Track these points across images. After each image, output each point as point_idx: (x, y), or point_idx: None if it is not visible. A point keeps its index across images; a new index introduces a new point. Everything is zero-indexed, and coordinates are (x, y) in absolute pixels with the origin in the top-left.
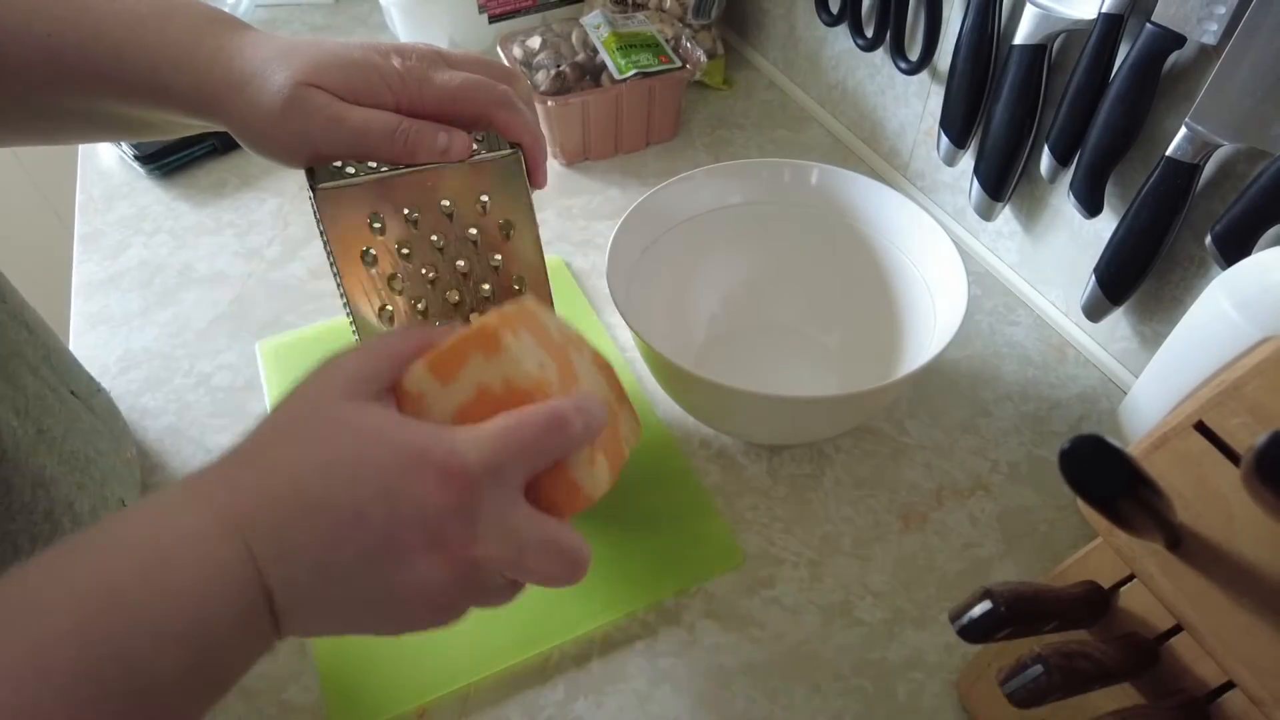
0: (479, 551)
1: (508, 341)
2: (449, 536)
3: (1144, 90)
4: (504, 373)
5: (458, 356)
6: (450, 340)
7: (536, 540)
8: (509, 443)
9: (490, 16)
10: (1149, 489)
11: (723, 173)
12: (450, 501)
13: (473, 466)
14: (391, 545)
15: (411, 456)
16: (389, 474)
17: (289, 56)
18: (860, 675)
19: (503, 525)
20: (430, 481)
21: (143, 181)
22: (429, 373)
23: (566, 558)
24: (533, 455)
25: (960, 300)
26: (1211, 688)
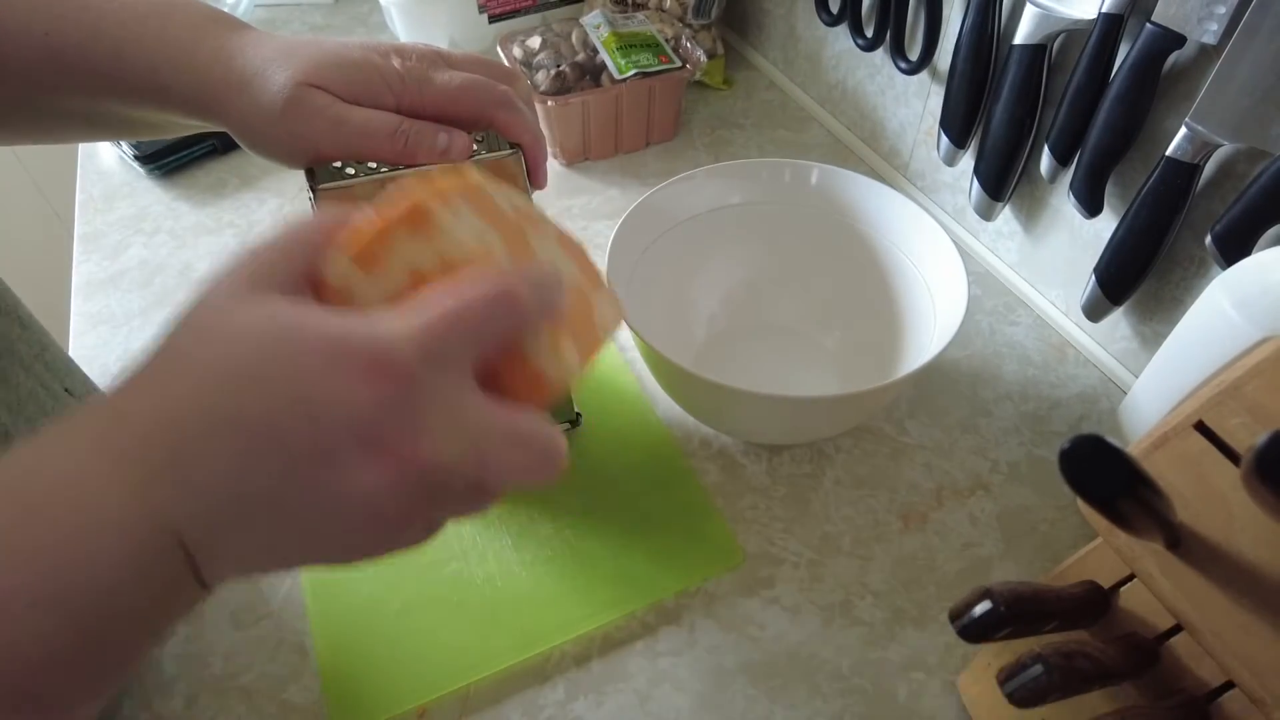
0: (426, 450)
1: (441, 218)
2: (386, 436)
3: (1144, 90)
4: (440, 250)
5: (383, 238)
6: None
7: (498, 431)
8: (446, 321)
9: (490, 16)
10: (1149, 489)
11: (723, 173)
12: (380, 395)
13: (403, 352)
14: (318, 456)
15: (327, 350)
16: (302, 374)
17: (289, 56)
18: (860, 675)
19: (452, 417)
20: (353, 375)
21: (143, 181)
22: (350, 261)
23: (536, 446)
24: (477, 334)
25: (960, 300)
26: (1211, 687)
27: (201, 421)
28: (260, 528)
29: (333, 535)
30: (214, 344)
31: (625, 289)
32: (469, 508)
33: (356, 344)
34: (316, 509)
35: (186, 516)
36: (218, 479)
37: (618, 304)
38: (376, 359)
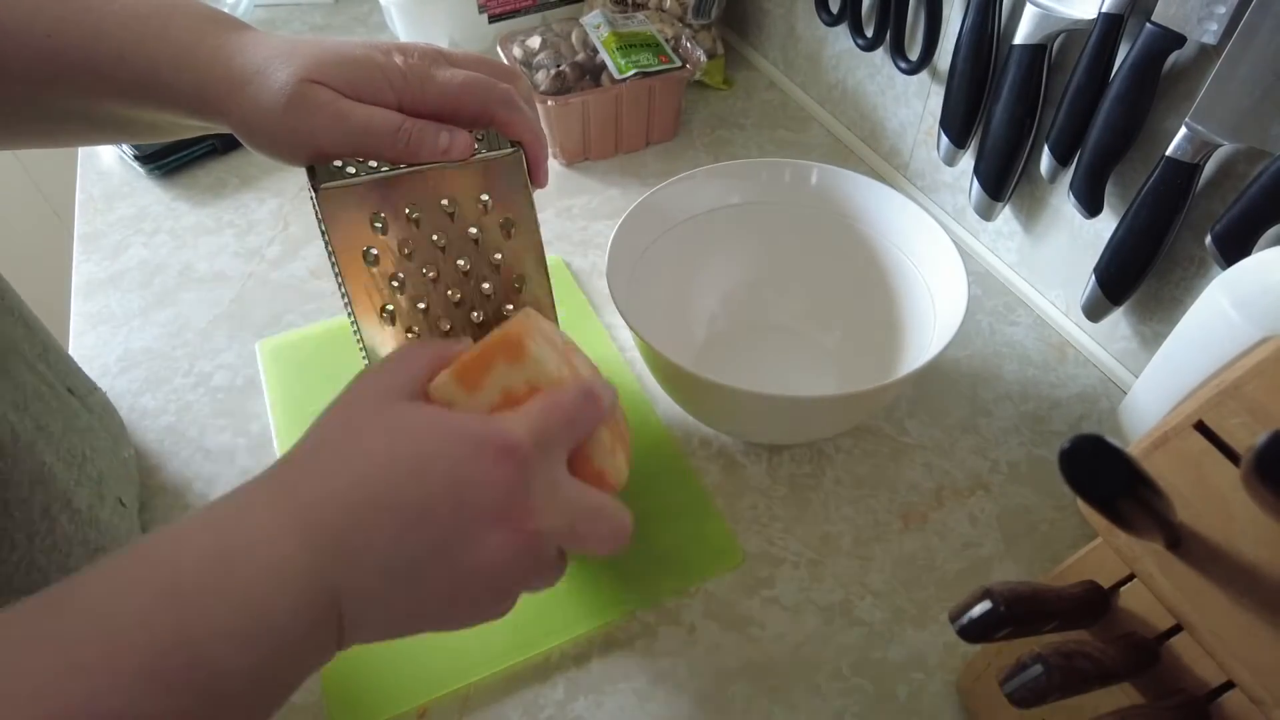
0: (539, 522)
1: (531, 347)
2: (511, 511)
3: (1144, 90)
4: (527, 376)
5: (483, 364)
6: (474, 350)
7: (587, 507)
8: (550, 415)
9: (490, 16)
10: (1149, 489)
11: (723, 173)
12: (510, 478)
13: (523, 439)
14: (459, 533)
15: (470, 442)
16: (452, 463)
17: (291, 54)
18: (860, 675)
19: (555, 495)
20: (489, 462)
21: (143, 181)
22: (455, 382)
23: (614, 521)
24: (573, 426)
25: (960, 300)
26: (1211, 687)
27: (364, 503)
28: (402, 596)
29: (454, 600)
30: (372, 438)
31: (625, 289)
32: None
33: (491, 434)
34: (448, 578)
35: (348, 587)
36: (375, 551)
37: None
38: (507, 445)
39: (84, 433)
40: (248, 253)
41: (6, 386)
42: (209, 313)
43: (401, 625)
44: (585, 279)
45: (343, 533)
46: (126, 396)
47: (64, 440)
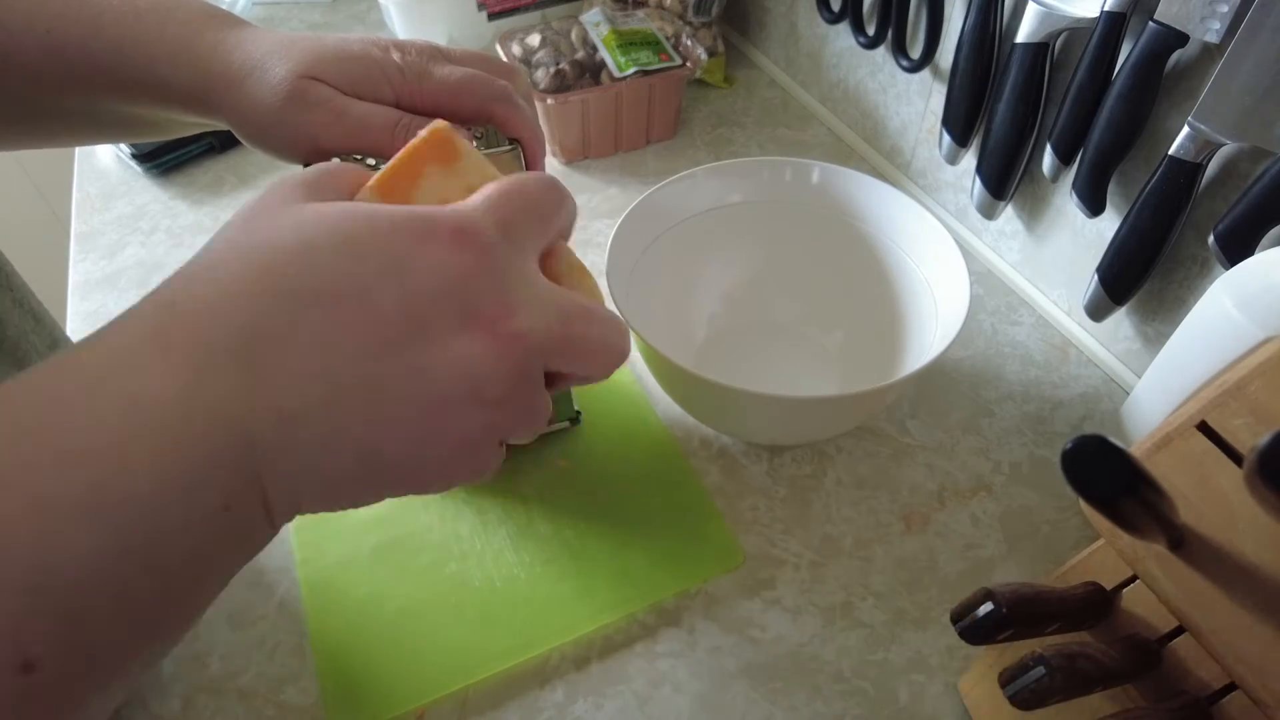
0: (521, 322)
1: (463, 146)
2: (481, 304)
3: (1146, 89)
4: (469, 181)
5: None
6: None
7: (577, 305)
8: (513, 199)
9: (489, 14)
10: (1151, 490)
11: (723, 171)
12: (470, 263)
13: (485, 224)
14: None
15: (415, 224)
16: (392, 243)
17: (289, 50)
18: (861, 677)
19: (534, 291)
20: (442, 245)
21: (140, 180)
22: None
23: (611, 320)
24: (541, 216)
25: (962, 300)
26: (1214, 689)
27: (276, 299)
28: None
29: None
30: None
31: (625, 288)
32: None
33: (441, 218)
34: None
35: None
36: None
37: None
38: (463, 228)
39: None
40: None
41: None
42: None
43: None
44: None
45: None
46: None
47: None
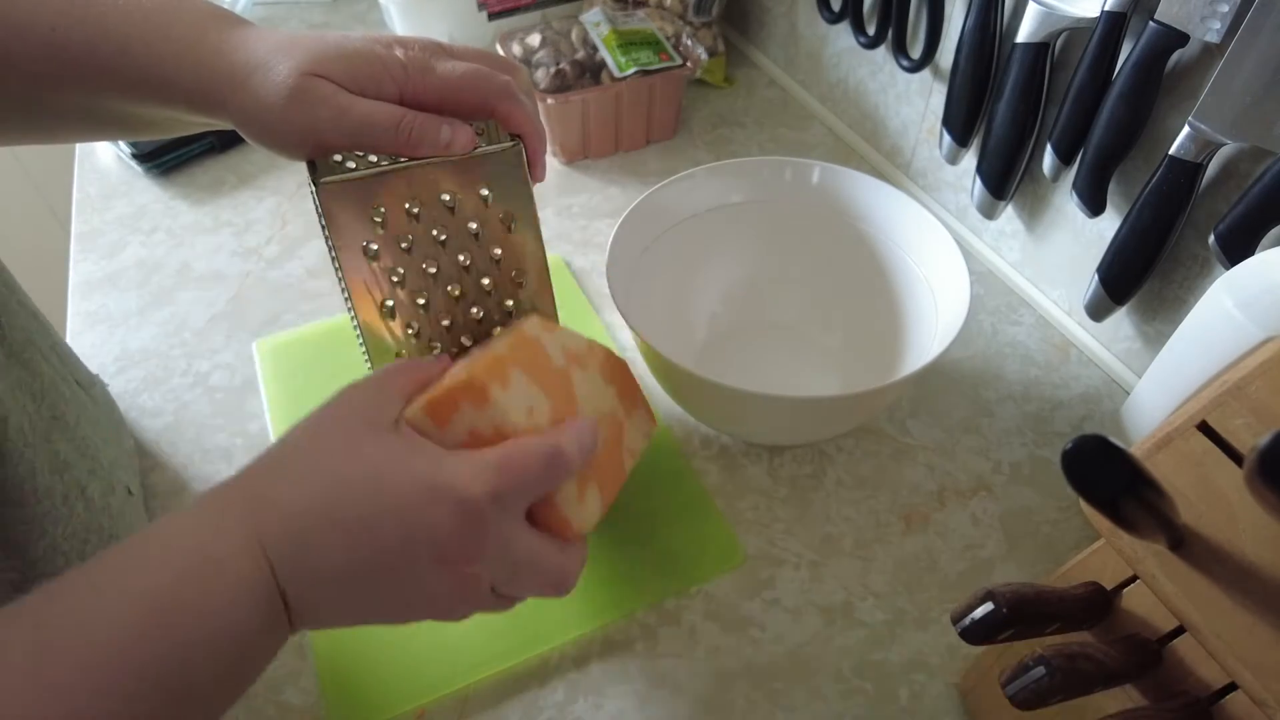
0: (480, 571)
1: (495, 394)
2: (455, 558)
3: (1147, 89)
4: (493, 422)
5: (449, 405)
6: (442, 388)
7: (532, 562)
8: (509, 475)
9: (489, 14)
10: (1152, 489)
11: (723, 171)
12: (458, 529)
13: (481, 500)
14: (403, 560)
15: (425, 486)
16: (404, 497)
17: (292, 48)
18: (861, 677)
19: (503, 549)
20: (443, 512)
21: (140, 180)
22: (425, 415)
23: (553, 575)
24: (534, 486)
25: (962, 300)
26: (1214, 689)
27: (324, 518)
28: (347, 598)
29: (394, 611)
30: (342, 461)
31: (625, 288)
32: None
33: (447, 488)
34: (392, 595)
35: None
36: (327, 560)
37: (652, 419)
38: (463, 502)
39: (93, 423)
40: (245, 252)
41: (26, 377)
42: (206, 312)
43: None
44: (585, 278)
45: (298, 543)
46: (124, 396)
47: (76, 430)
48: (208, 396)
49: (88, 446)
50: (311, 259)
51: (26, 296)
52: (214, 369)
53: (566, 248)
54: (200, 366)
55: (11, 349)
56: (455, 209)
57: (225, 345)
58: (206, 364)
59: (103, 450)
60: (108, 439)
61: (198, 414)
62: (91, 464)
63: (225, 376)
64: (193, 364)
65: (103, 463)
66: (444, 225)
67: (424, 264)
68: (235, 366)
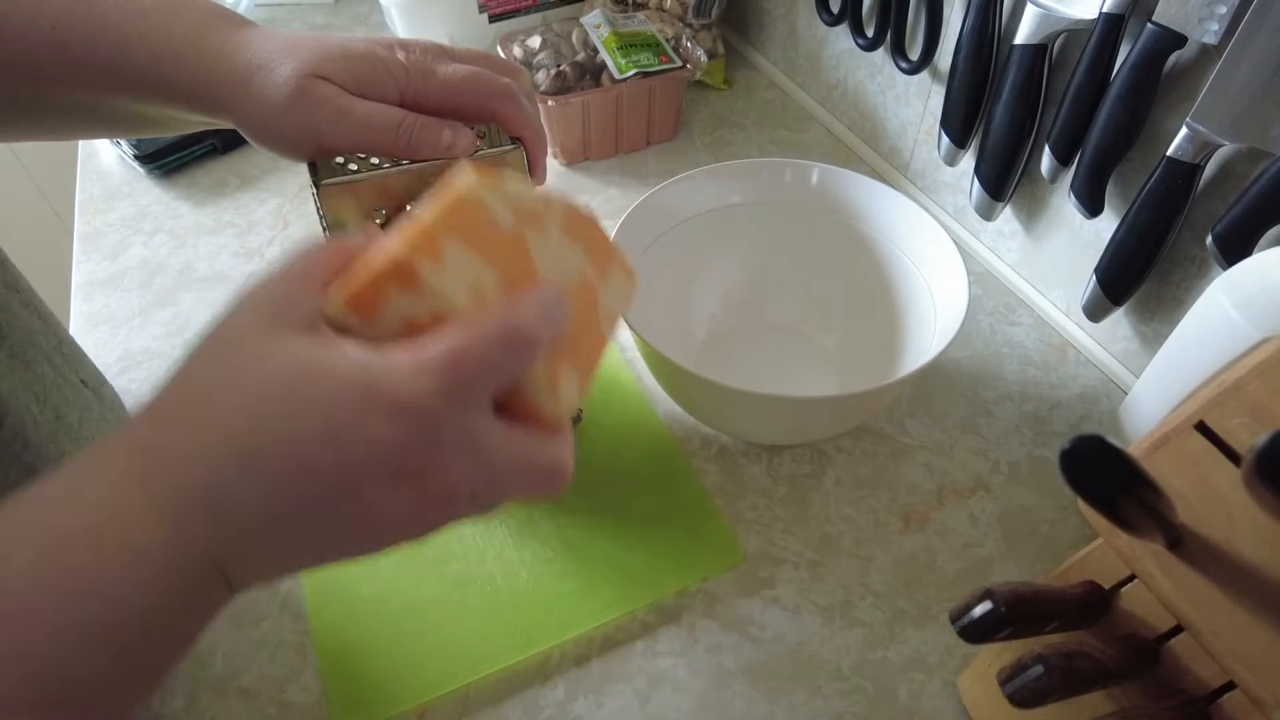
0: (449, 478)
1: (426, 274)
2: (410, 469)
3: (1145, 90)
4: (431, 308)
5: (373, 293)
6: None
7: (511, 457)
8: (461, 366)
9: (490, 16)
10: (1149, 489)
11: (723, 173)
12: (405, 434)
13: (426, 393)
14: (345, 488)
15: (355, 392)
16: (330, 412)
17: (295, 49)
18: (860, 675)
19: (471, 449)
20: (380, 417)
21: (143, 181)
22: (349, 309)
23: (545, 467)
24: (490, 374)
25: (961, 300)
26: (1212, 688)
27: (233, 458)
28: (291, 544)
29: (363, 544)
30: (243, 382)
31: None
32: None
33: (382, 386)
34: (346, 528)
35: (222, 541)
36: (250, 509)
37: (631, 278)
38: (402, 401)
39: (98, 424)
40: (248, 253)
41: (28, 378)
42: (209, 313)
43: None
44: None
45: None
46: (127, 397)
47: (81, 430)
48: None
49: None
50: None
51: (35, 295)
52: None
53: None
54: None
55: (12, 350)
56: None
57: None
58: None
59: None
60: None
61: None
62: None
63: None
64: None
65: None
66: None
67: None
68: None
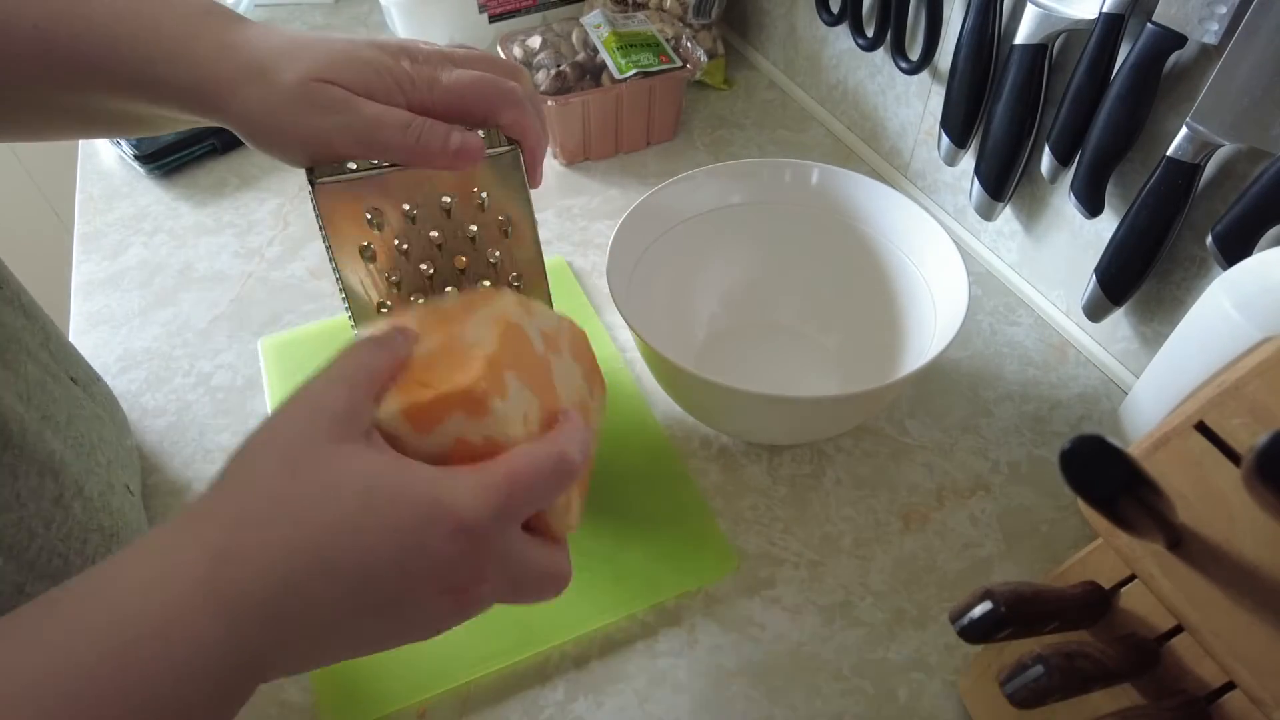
0: (485, 587)
1: (495, 405)
2: (458, 582)
3: (1145, 90)
4: (487, 432)
5: (437, 413)
6: (431, 396)
7: (531, 571)
8: (516, 492)
9: (490, 16)
10: (1149, 489)
11: (723, 173)
12: (461, 552)
13: (483, 518)
14: (401, 597)
15: (422, 513)
16: (401, 533)
17: (300, 51)
18: (861, 676)
19: (504, 564)
20: (442, 536)
21: (143, 181)
22: (404, 420)
23: (554, 580)
24: (539, 500)
25: (961, 300)
26: (1212, 688)
27: (310, 569)
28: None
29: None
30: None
31: (625, 289)
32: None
33: (447, 506)
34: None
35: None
36: (312, 616)
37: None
38: (463, 524)
39: (89, 421)
40: (248, 253)
41: (9, 378)
42: (209, 312)
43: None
44: (585, 279)
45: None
46: (127, 397)
47: (70, 429)
48: (210, 397)
49: (83, 445)
50: (313, 260)
51: (22, 292)
52: (216, 369)
53: (567, 248)
54: (203, 367)
55: None
56: (453, 212)
57: (227, 345)
58: (209, 364)
59: (100, 448)
60: (106, 437)
61: (200, 414)
62: (88, 462)
63: (227, 376)
64: (195, 364)
65: (100, 461)
66: (441, 228)
67: (421, 265)
68: (237, 367)
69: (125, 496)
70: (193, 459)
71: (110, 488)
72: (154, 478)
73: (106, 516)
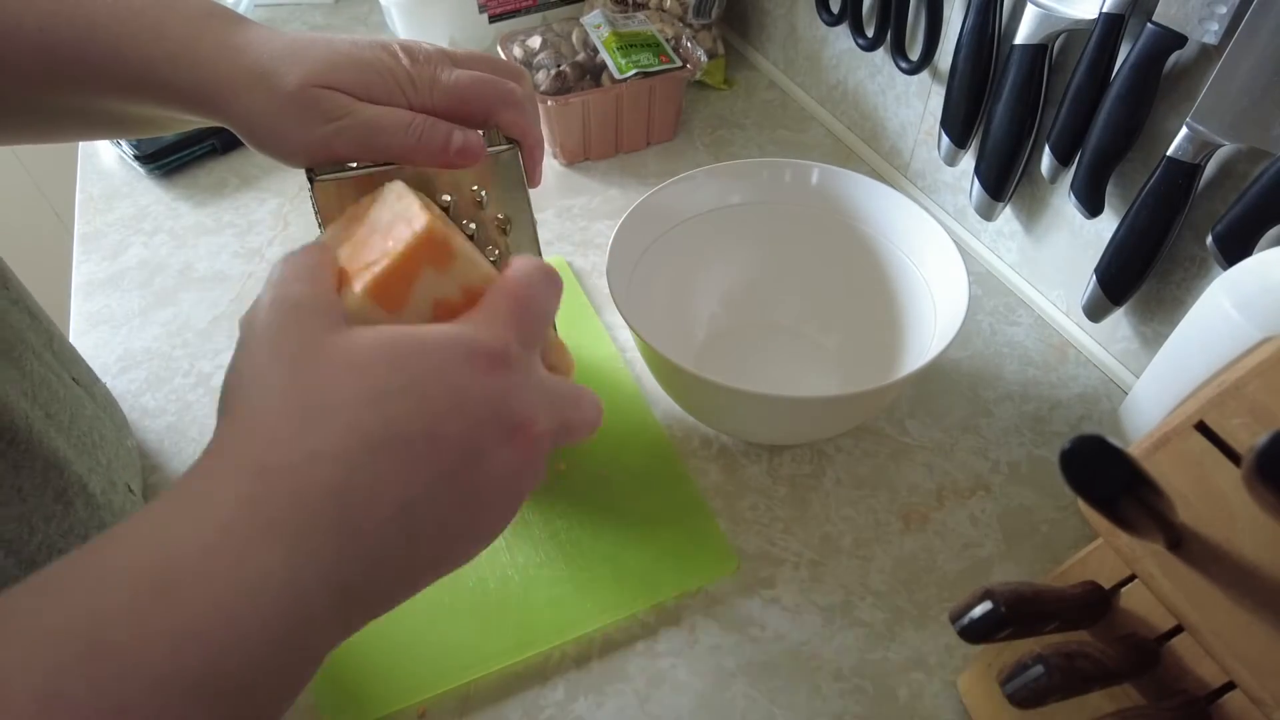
0: (540, 425)
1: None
2: (516, 416)
3: (1145, 90)
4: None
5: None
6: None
7: (570, 398)
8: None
9: (490, 16)
10: (1150, 489)
11: (723, 173)
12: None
13: (512, 344)
14: (471, 453)
15: (457, 353)
16: (449, 375)
17: (302, 53)
18: (860, 675)
19: (543, 390)
20: (485, 370)
21: (143, 181)
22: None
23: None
24: (546, 315)
25: (961, 300)
26: (1212, 688)
27: (362, 455)
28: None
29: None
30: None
31: (625, 289)
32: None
33: (473, 345)
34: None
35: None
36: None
37: None
38: (496, 353)
39: (91, 421)
40: (248, 253)
41: (15, 376)
42: (209, 313)
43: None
44: (586, 279)
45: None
46: (127, 397)
47: (73, 428)
48: (210, 397)
49: (85, 444)
50: None
51: (25, 292)
52: (216, 369)
53: (567, 248)
54: (203, 367)
55: (0, 348)
56: (451, 210)
57: (228, 345)
58: (209, 364)
59: (102, 448)
60: (107, 437)
61: (200, 414)
62: (91, 461)
63: None
64: (195, 364)
65: (102, 460)
66: None
67: None
68: None
69: (126, 495)
70: (193, 459)
71: (112, 485)
72: (154, 478)
73: (108, 514)
